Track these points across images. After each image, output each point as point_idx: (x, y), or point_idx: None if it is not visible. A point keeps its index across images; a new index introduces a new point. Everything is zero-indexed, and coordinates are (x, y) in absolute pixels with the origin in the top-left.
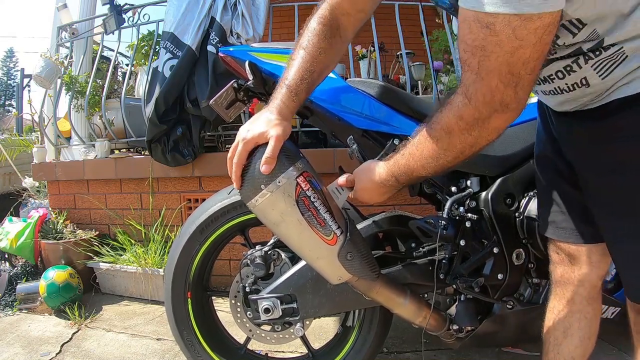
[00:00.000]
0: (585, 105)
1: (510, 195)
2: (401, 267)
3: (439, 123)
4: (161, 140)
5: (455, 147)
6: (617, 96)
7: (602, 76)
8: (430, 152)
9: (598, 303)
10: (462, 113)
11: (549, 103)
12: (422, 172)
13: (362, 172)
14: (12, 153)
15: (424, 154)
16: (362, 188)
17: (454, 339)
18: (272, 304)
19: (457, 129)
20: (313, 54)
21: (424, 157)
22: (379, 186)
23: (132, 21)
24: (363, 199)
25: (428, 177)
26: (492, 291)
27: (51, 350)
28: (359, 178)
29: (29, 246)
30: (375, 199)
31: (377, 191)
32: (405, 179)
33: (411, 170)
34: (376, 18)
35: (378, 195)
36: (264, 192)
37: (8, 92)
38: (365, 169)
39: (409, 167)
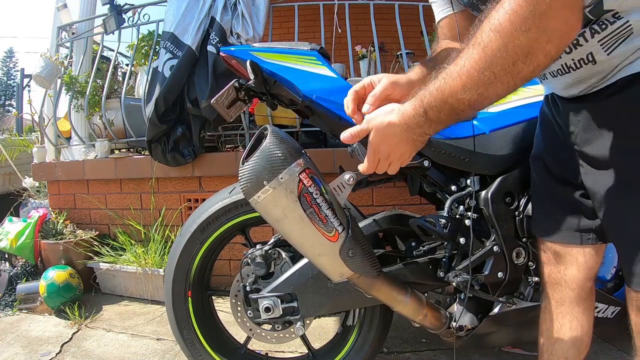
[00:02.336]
0: (593, 87)
1: (510, 194)
2: (401, 265)
3: (488, 23)
4: (161, 140)
5: (505, 53)
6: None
7: (607, 51)
8: (473, 65)
9: (588, 303)
10: (514, 6)
11: (557, 88)
12: (460, 96)
13: (378, 114)
14: (12, 153)
15: (464, 70)
16: (380, 135)
17: (454, 337)
18: (272, 303)
19: (508, 26)
20: None
21: (464, 74)
22: (402, 129)
23: (132, 21)
24: (380, 151)
25: (463, 111)
26: (492, 290)
27: (51, 350)
28: (374, 122)
29: (29, 246)
30: (395, 152)
31: (400, 137)
32: (436, 112)
33: (445, 98)
34: (376, 18)
35: (400, 143)
36: (267, 189)
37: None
38: (382, 110)
39: (443, 92)
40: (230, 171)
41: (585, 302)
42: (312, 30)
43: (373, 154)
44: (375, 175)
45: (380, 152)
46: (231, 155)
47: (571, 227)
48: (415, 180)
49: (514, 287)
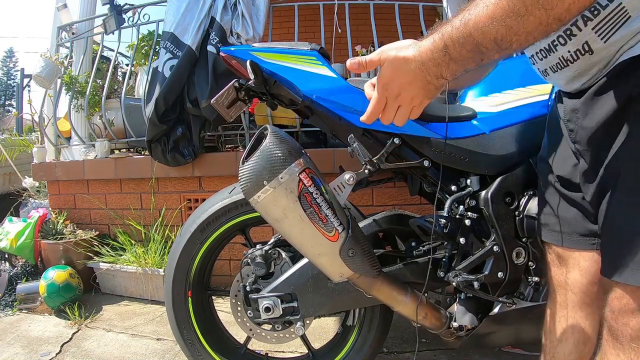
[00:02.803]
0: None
1: (510, 194)
2: (401, 265)
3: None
4: (161, 140)
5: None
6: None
7: (603, 39)
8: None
9: (593, 308)
10: None
11: (560, 83)
12: (487, 29)
13: (392, 47)
14: (12, 153)
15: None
16: (391, 69)
17: (454, 337)
18: (272, 303)
19: None
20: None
21: (492, 3)
22: (417, 65)
23: (132, 21)
24: (390, 90)
25: (488, 49)
26: (492, 290)
27: (51, 350)
28: (387, 54)
29: (29, 246)
30: (406, 93)
31: (413, 75)
32: (458, 48)
33: (469, 30)
34: (376, 18)
35: (413, 83)
36: (267, 188)
37: (8, 92)
38: (397, 44)
39: (467, 24)
40: (230, 171)
41: (589, 307)
42: (312, 30)
43: (381, 91)
44: (375, 174)
45: (390, 90)
46: (231, 155)
47: (574, 231)
48: (415, 180)
49: (514, 287)
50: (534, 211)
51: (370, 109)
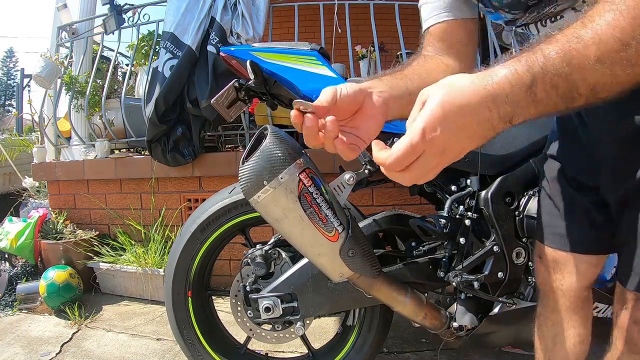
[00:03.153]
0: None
1: (510, 194)
2: (401, 265)
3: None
4: (161, 140)
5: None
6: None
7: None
8: (615, 31)
9: (585, 311)
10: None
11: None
12: (588, 72)
13: (441, 87)
14: (12, 153)
15: (600, 34)
16: (447, 118)
17: (454, 337)
18: (272, 303)
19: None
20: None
21: (600, 41)
22: (486, 101)
23: (132, 21)
24: (435, 142)
25: (579, 98)
26: (492, 290)
27: (51, 350)
28: (435, 97)
29: (29, 246)
30: (457, 145)
31: (477, 120)
32: (549, 87)
33: (569, 68)
34: (376, 18)
35: (472, 131)
36: (267, 188)
37: (8, 92)
38: (446, 81)
39: (568, 58)
40: (230, 171)
41: (582, 310)
42: (312, 30)
43: (421, 141)
44: (375, 174)
45: (435, 142)
46: (231, 155)
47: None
48: None
49: (514, 287)
50: (534, 211)
51: (398, 157)
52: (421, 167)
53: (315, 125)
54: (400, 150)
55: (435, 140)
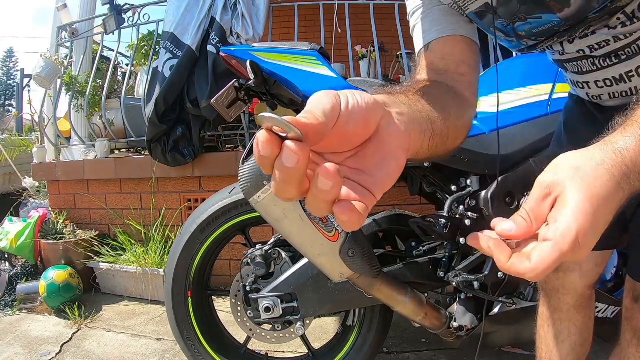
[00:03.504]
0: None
1: (510, 194)
2: (401, 265)
3: None
4: (161, 140)
5: None
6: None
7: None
8: None
9: (587, 310)
10: None
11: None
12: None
13: (573, 174)
14: (12, 153)
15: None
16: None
17: (454, 337)
18: (272, 303)
19: None
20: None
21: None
22: (620, 179)
23: (132, 21)
24: (587, 245)
25: None
26: (492, 290)
27: (51, 350)
28: (576, 190)
29: (29, 246)
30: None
31: (613, 198)
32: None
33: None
34: (376, 18)
35: (613, 205)
36: (267, 188)
37: (8, 92)
38: (572, 163)
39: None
40: (230, 171)
41: (585, 309)
42: (312, 30)
43: (569, 250)
44: None
45: (586, 247)
46: (231, 155)
47: None
48: (415, 180)
49: (514, 287)
50: None
51: (544, 270)
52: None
53: (303, 163)
54: (548, 263)
55: (586, 245)
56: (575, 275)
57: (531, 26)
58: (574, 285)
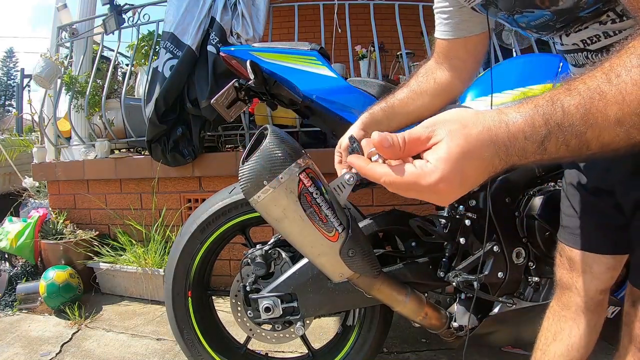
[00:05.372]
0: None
1: (510, 194)
2: (401, 265)
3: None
4: (161, 140)
5: None
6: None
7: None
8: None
9: (595, 316)
10: None
11: None
12: (606, 132)
13: (450, 120)
14: (12, 153)
15: (627, 93)
16: (457, 168)
17: (454, 337)
18: (272, 303)
19: None
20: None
21: (624, 101)
22: (498, 149)
23: (132, 21)
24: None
25: (587, 153)
26: (492, 290)
27: (51, 350)
28: (452, 142)
29: (29, 246)
30: (462, 186)
31: (483, 162)
32: (561, 142)
33: (585, 129)
34: (376, 18)
35: (480, 170)
36: (267, 188)
37: (8, 92)
38: (458, 117)
39: (587, 115)
40: (230, 171)
41: (592, 314)
42: (312, 30)
43: (426, 187)
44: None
45: (441, 191)
46: (231, 155)
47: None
48: None
49: (514, 287)
50: (534, 211)
51: (395, 184)
52: (404, 194)
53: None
54: (401, 179)
55: (447, 193)
56: (587, 277)
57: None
58: (586, 287)
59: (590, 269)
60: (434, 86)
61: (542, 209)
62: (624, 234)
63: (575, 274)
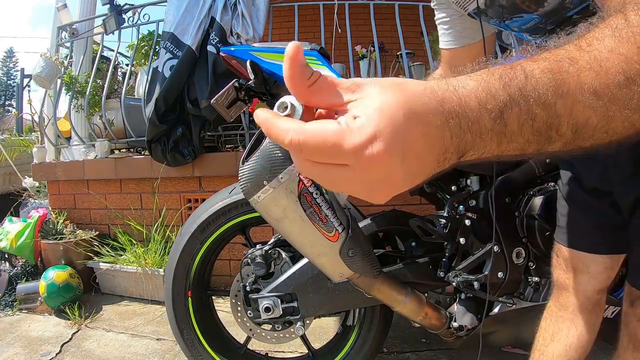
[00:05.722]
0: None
1: (510, 194)
2: (401, 265)
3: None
4: (161, 140)
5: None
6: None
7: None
8: (616, 59)
9: (592, 316)
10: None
11: None
12: (578, 105)
13: (389, 85)
14: (12, 153)
15: (602, 61)
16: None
17: (454, 337)
18: (272, 303)
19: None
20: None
21: (599, 69)
22: (444, 120)
23: (132, 21)
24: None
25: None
26: (492, 290)
27: (51, 350)
28: (384, 94)
29: (29, 246)
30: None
31: (427, 139)
32: (524, 115)
33: (555, 93)
34: (376, 18)
35: (415, 159)
36: (267, 188)
37: (8, 92)
38: (393, 80)
39: (555, 82)
40: (230, 171)
41: (589, 314)
42: (312, 30)
43: (348, 151)
44: None
45: (380, 159)
46: (231, 155)
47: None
48: None
49: (514, 287)
50: (534, 211)
51: (307, 143)
52: (325, 179)
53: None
54: (316, 141)
55: (376, 162)
56: (584, 277)
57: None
58: (583, 287)
59: (587, 269)
60: None
61: (542, 209)
62: (621, 233)
63: (572, 274)
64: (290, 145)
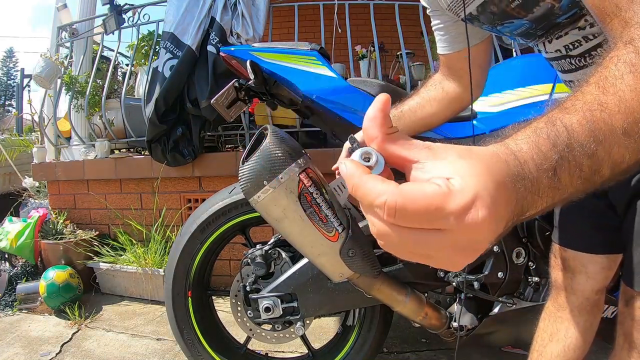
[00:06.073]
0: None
1: None
2: (401, 265)
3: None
4: (161, 140)
5: None
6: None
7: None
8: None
9: (590, 317)
10: None
11: None
12: (616, 146)
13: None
14: (12, 153)
15: (627, 100)
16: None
17: (454, 337)
18: (272, 303)
19: None
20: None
21: (627, 109)
22: (520, 185)
23: (132, 21)
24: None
25: (597, 182)
26: (492, 290)
27: (51, 350)
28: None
29: (29, 246)
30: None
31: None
32: (574, 168)
33: (595, 142)
34: (376, 18)
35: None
36: (267, 188)
37: (8, 92)
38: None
39: (594, 130)
40: (230, 171)
41: (588, 314)
42: (312, 30)
43: (451, 214)
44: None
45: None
46: (231, 155)
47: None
48: None
49: (514, 287)
50: None
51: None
52: (412, 244)
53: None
54: (417, 204)
55: (478, 223)
56: (582, 278)
57: (510, 29)
58: (581, 287)
59: (585, 269)
60: (442, 94)
61: None
62: (619, 234)
63: (570, 275)
64: (384, 208)
